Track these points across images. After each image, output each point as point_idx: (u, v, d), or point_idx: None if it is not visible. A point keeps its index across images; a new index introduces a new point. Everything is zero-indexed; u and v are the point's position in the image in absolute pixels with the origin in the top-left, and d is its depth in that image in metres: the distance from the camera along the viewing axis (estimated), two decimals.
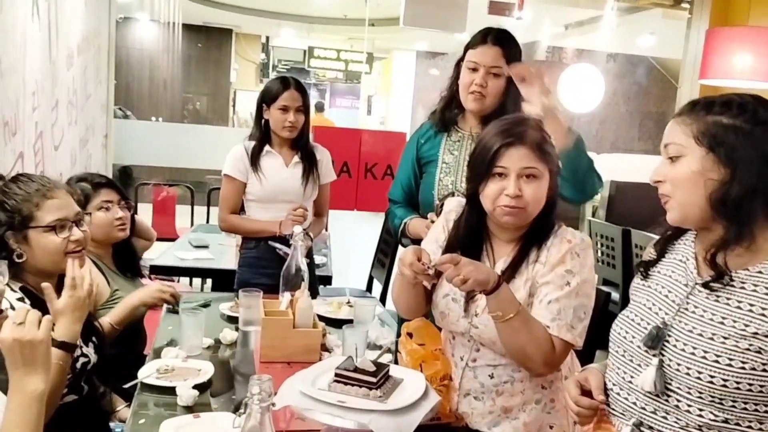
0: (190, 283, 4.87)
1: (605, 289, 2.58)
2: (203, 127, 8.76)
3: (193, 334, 2.05)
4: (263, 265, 2.78)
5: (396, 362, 1.77)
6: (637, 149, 8.17)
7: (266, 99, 2.81)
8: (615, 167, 5.66)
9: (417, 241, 2.31)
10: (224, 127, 11.09)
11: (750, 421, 1.15)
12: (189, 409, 1.64)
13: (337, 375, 1.45)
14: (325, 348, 2.09)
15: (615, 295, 3.86)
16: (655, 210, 1.33)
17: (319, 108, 10.96)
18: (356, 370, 1.44)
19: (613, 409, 1.31)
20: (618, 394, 1.30)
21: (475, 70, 2.20)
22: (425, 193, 2.34)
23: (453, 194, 2.23)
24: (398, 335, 1.98)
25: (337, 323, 2.35)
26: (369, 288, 4.26)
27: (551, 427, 1.63)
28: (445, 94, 2.36)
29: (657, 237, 1.38)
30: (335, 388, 1.43)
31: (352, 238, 6.37)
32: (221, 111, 12.73)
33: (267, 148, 2.84)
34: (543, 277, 1.58)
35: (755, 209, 1.16)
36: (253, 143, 2.85)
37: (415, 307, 1.74)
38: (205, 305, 2.46)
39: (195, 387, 1.71)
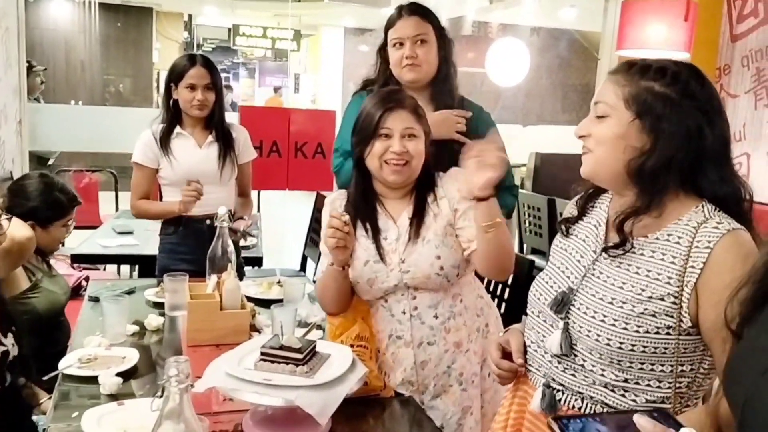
0: (118, 271, 4.74)
1: (532, 257, 2.65)
2: (125, 110, 8.44)
3: (116, 322, 2.00)
4: (182, 251, 2.72)
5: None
6: (562, 121, 8.38)
7: (173, 77, 2.71)
8: (540, 139, 5.79)
9: None
10: (148, 109, 10.73)
11: (649, 380, 1.19)
12: (113, 398, 1.60)
13: (262, 354, 1.44)
14: (254, 329, 2.07)
15: (541, 262, 3.97)
16: (578, 179, 1.34)
17: (275, 90, 10.81)
18: (282, 347, 1.43)
19: (530, 365, 1.36)
20: (535, 351, 1.35)
21: (401, 44, 2.19)
22: None
23: None
24: None
25: (268, 303, 2.33)
26: (303, 267, 4.25)
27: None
28: (376, 78, 2.30)
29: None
30: (261, 366, 1.43)
31: (284, 218, 6.32)
32: (144, 92, 12.32)
33: (178, 129, 2.74)
34: (458, 204, 1.75)
35: (669, 181, 1.18)
36: (162, 126, 2.74)
37: (342, 298, 1.78)
38: (130, 292, 2.39)
39: (119, 375, 1.67)
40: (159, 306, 2.29)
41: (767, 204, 3.82)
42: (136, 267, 4.11)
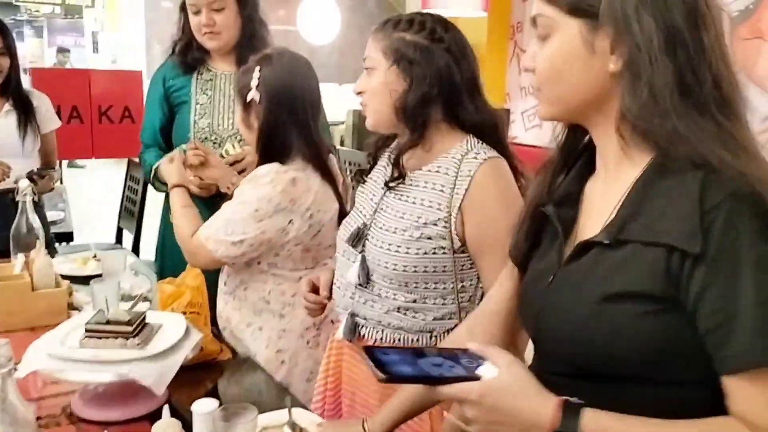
0: None
1: None
2: None
3: None
4: None
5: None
6: None
7: None
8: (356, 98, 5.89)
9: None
10: None
11: (435, 299, 1.35)
12: None
13: (87, 330, 1.37)
14: (72, 307, 1.95)
15: None
16: None
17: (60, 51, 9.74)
18: (108, 322, 1.37)
19: (337, 305, 1.47)
20: (338, 289, 1.46)
21: (197, 12, 2.11)
22: (180, 136, 2.20)
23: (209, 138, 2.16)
24: None
25: (86, 280, 2.19)
26: (119, 240, 4.01)
27: None
28: (180, 37, 2.22)
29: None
30: (88, 344, 1.35)
31: (91, 190, 5.90)
32: None
33: None
34: None
35: (431, 116, 1.34)
36: None
37: None
38: None
39: None
40: None
41: (527, 145, 4.27)
42: None
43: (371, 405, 1.39)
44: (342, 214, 1.75)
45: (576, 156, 0.94)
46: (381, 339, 1.37)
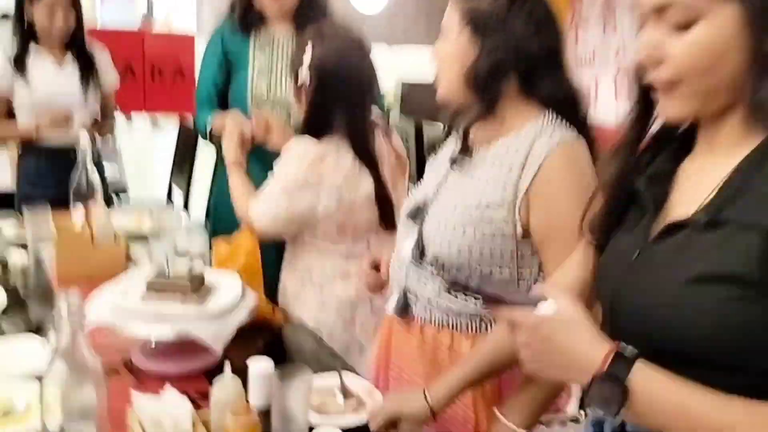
0: None
1: None
2: None
3: None
4: (46, 179, 2.55)
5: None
6: (427, 42, 8.37)
7: None
8: (406, 60, 5.79)
9: None
10: None
11: None
12: None
13: (149, 285, 1.41)
14: (130, 262, 2.00)
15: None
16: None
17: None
18: (169, 278, 1.40)
19: (392, 277, 1.43)
20: (394, 263, 1.41)
21: None
22: (237, 98, 2.19)
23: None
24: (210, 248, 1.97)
25: (140, 237, 2.25)
26: (169, 197, 4.09)
27: None
28: (238, 1, 2.20)
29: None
30: (150, 297, 1.39)
31: (145, 144, 6.00)
32: None
33: (33, 50, 2.54)
34: None
35: (503, 88, 1.24)
36: (15, 47, 2.54)
37: None
38: None
39: None
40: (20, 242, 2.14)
41: (612, 128, 4.14)
42: None
43: (417, 383, 1.35)
44: (380, 194, 1.75)
45: (668, 135, 0.90)
46: (429, 319, 1.32)
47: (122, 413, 1.11)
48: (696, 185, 0.83)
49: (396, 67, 5.58)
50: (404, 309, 1.36)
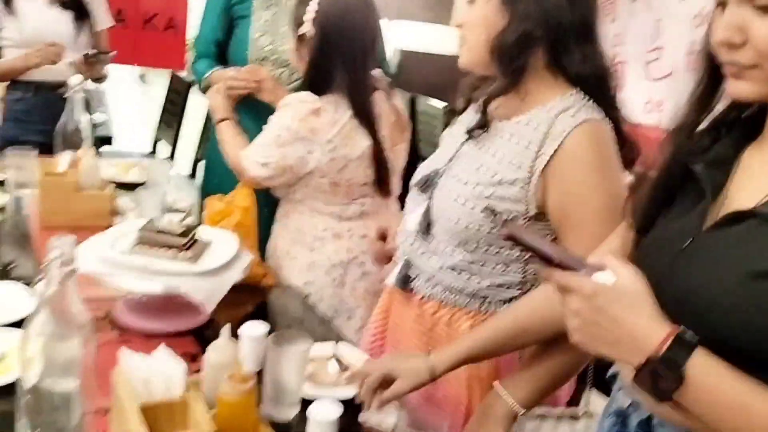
0: None
1: None
2: None
3: None
4: (34, 120, 2.46)
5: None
6: (424, 17, 8.25)
7: None
8: (402, 35, 5.70)
9: None
10: None
11: (496, 263, 1.20)
12: None
13: (139, 238, 1.33)
14: (115, 213, 1.92)
15: None
16: (443, 79, 1.32)
17: None
18: (160, 232, 1.33)
19: (399, 250, 1.35)
20: (401, 234, 1.35)
21: None
22: (237, 52, 2.11)
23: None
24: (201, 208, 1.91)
25: (128, 186, 2.17)
26: (154, 150, 3.97)
27: None
28: None
29: (442, 105, 1.42)
30: (139, 250, 1.32)
31: (131, 96, 5.85)
32: None
33: None
34: None
35: (530, 61, 1.16)
36: None
37: None
38: None
39: None
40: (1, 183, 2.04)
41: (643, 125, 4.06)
42: None
43: None
44: (377, 153, 1.71)
45: (732, 120, 0.84)
46: (430, 296, 1.27)
47: (106, 370, 1.04)
48: (760, 175, 0.78)
49: (391, 42, 5.48)
50: (405, 281, 1.30)
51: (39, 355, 0.90)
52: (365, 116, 1.69)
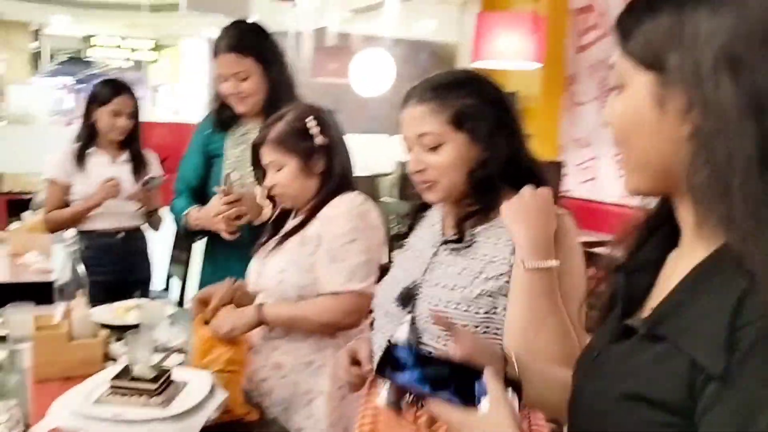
0: None
1: None
2: None
3: None
4: (96, 264, 2.60)
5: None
6: None
7: (97, 101, 2.87)
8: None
9: (205, 233, 2.24)
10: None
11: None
12: None
13: (112, 386, 1.35)
14: (109, 358, 1.94)
15: None
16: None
17: None
18: (133, 378, 1.35)
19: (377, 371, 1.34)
20: (379, 354, 1.33)
21: (225, 79, 2.19)
22: (213, 187, 2.26)
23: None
24: None
25: (123, 329, 2.20)
26: (167, 287, 4.05)
27: None
28: (214, 96, 2.31)
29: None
30: (111, 400, 1.33)
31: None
32: None
33: (93, 149, 2.91)
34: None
35: (498, 180, 1.26)
36: (78, 144, 2.90)
37: None
38: None
39: None
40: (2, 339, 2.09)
41: (615, 204, 4.13)
42: None
43: None
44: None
45: (661, 220, 0.81)
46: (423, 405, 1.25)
47: None
48: (671, 283, 0.74)
49: (397, 154, 5.64)
50: (397, 402, 1.26)
51: None
52: None
